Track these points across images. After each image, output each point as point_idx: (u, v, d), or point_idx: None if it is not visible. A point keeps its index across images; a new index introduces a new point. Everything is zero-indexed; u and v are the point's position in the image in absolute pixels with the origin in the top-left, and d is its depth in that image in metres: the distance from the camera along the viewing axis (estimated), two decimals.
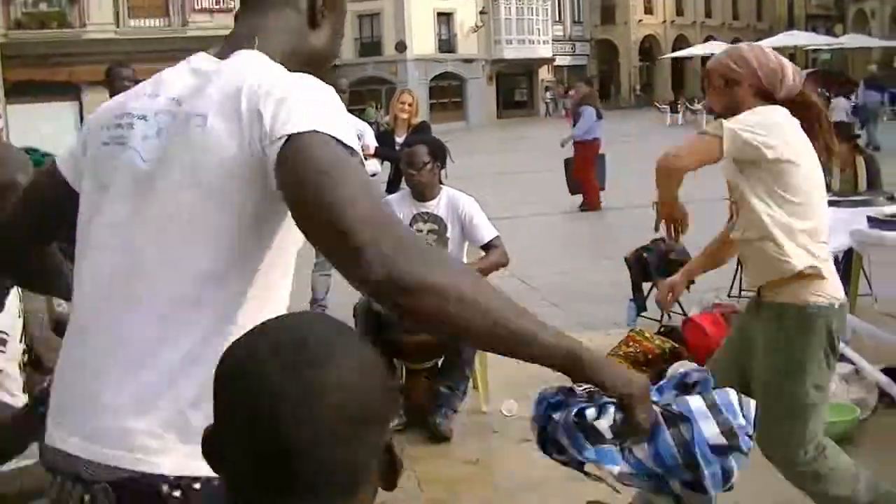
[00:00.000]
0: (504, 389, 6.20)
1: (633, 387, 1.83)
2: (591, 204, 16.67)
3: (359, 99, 43.37)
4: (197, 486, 1.72)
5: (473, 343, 2.00)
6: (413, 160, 6.24)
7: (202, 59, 1.96)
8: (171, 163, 1.82)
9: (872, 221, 6.54)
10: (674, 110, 44.07)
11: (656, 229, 4.05)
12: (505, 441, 5.86)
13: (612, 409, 1.89)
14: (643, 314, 8.22)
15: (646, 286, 8.33)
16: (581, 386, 1.93)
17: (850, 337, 6.73)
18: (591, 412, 1.90)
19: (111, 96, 7.78)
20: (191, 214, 1.78)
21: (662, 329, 7.21)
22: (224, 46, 1.98)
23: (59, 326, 4.27)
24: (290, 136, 1.69)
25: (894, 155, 17.20)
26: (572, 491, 3.20)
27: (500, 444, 5.88)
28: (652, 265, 8.07)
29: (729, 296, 8.43)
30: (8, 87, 31.48)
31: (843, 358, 6.25)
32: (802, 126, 3.81)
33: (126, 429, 1.75)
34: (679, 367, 6.37)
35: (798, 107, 3.87)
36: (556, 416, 1.94)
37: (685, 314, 7.58)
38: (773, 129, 3.71)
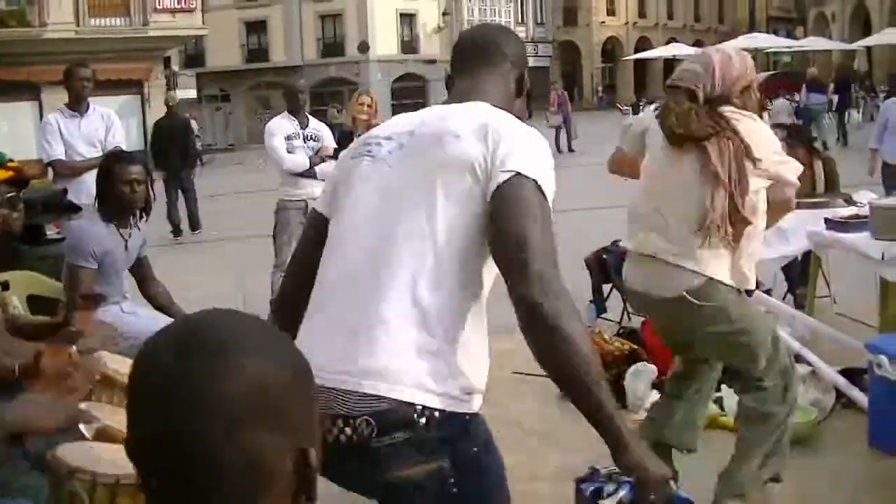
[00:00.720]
0: None
1: (649, 473, 2.27)
2: None
3: (321, 100, 43.33)
4: (437, 415, 2.28)
5: (560, 384, 2.35)
6: None
7: (437, 106, 2.70)
8: (412, 167, 2.46)
9: (829, 223, 6.58)
10: (636, 111, 44.21)
11: None
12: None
13: (626, 489, 2.23)
14: (603, 315, 8.23)
15: (606, 288, 8.35)
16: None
17: (808, 339, 6.78)
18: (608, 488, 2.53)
19: (69, 96, 7.86)
20: (428, 205, 2.37)
21: (621, 331, 7.21)
22: (452, 97, 2.70)
23: (12, 328, 4.23)
24: (517, 173, 2.32)
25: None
26: None
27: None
28: (612, 266, 8.07)
29: None
30: None
31: (800, 359, 6.30)
32: None
33: (392, 369, 2.27)
34: (639, 368, 6.40)
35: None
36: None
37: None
38: None
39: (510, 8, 58.21)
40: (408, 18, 53.12)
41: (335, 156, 8.80)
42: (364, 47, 50.78)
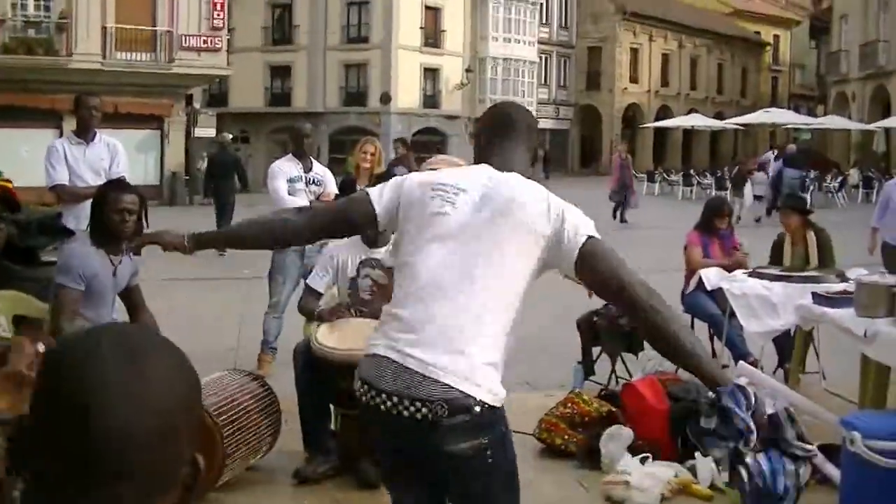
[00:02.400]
0: None
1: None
2: None
3: (340, 148, 43.51)
4: (486, 406, 3.08)
5: (668, 345, 3.18)
6: None
7: (491, 169, 3.40)
8: (488, 223, 3.22)
9: (817, 298, 6.60)
10: (651, 180, 44.27)
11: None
12: None
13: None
14: (591, 378, 8.21)
15: (595, 350, 8.35)
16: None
17: None
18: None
19: (77, 123, 7.96)
20: (501, 253, 3.20)
21: (603, 393, 7.21)
22: (493, 163, 3.43)
23: None
24: (590, 237, 3.21)
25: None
26: None
27: None
28: (602, 329, 8.08)
29: (678, 368, 8.44)
30: None
31: None
32: None
33: (467, 371, 3.07)
34: (614, 431, 6.41)
35: None
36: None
37: (628, 379, 7.60)
38: None
39: (534, 69, 58.52)
40: (431, 73, 53.42)
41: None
42: (386, 98, 51.06)
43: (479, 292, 3.16)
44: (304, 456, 6.07)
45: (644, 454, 5.92)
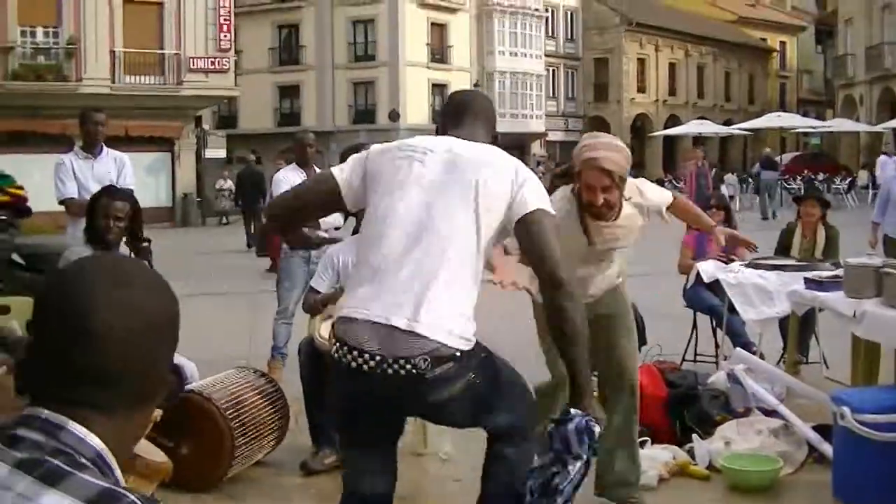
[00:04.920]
0: (443, 433, 6.32)
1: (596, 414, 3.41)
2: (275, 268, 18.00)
3: None
4: (465, 351, 3.29)
5: (561, 336, 3.36)
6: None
7: (453, 139, 3.56)
8: (454, 183, 3.38)
9: (809, 283, 6.73)
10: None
11: None
12: (437, 482, 6.02)
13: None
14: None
15: None
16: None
17: (784, 395, 6.92)
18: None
19: (84, 138, 8.13)
20: (469, 210, 3.36)
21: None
22: (459, 137, 3.57)
23: None
24: (539, 209, 3.39)
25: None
26: None
27: (432, 484, 6.05)
28: None
29: (683, 360, 8.57)
30: (1, 136, 31.75)
31: (775, 414, 6.43)
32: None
33: (446, 324, 3.27)
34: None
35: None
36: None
37: None
38: None
39: (541, 82, 58.62)
40: (439, 89, 53.55)
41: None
42: (395, 116, 51.25)
43: (446, 248, 3.33)
44: (311, 450, 6.22)
45: (643, 438, 6.06)
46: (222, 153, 42.45)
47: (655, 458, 5.89)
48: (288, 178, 9.00)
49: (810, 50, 78.40)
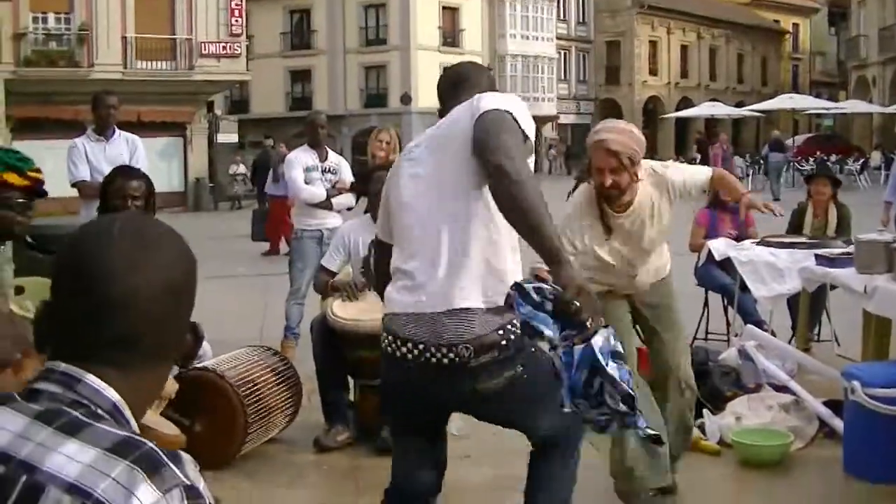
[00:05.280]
0: None
1: (573, 283, 2.93)
2: (273, 250, 18.10)
3: (363, 150, 43.60)
4: (512, 338, 3.18)
5: (517, 220, 3.06)
6: (375, 187, 6.42)
7: (440, 122, 3.52)
8: (443, 155, 3.32)
9: (820, 259, 6.74)
10: None
11: None
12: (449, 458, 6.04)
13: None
14: None
15: None
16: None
17: (795, 371, 6.93)
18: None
19: (96, 121, 8.17)
20: (464, 183, 3.24)
21: None
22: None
23: None
24: (490, 109, 3.19)
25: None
26: (504, 499, 3.54)
27: None
28: None
29: (695, 338, 8.59)
30: (15, 123, 31.81)
31: (785, 389, 6.45)
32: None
33: (479, 301, 3.21)
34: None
35: None
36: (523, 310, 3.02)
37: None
38: None
39: (553, 65, 58.52)
40: None
41: (351, 189, 9.00)
42: (406, 99, 51.21)
43: (467, 228, 3.23)
44: (324, 427, 6.26)
45: None
46: (234, 138, 42.51)
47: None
48: (300, 158, 9.04)
49: (823, 31, 78.14)
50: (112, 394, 1.50)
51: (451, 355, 3.17)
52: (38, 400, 1.47)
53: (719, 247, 8.26)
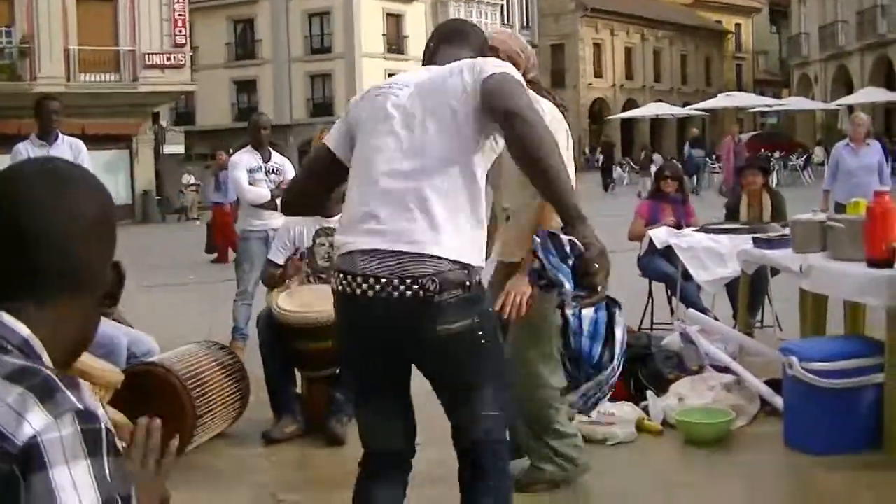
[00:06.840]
0: None
1: (595, 243, 2.95)
2: (221, 258, 17.97)
3: None
4: (476, 279, 3.16)
5: (529, 166, 3.05)
6: None
7: (430, 67, 3.45)
8: (432, 106, 3.20)
9: (757, 241, 6.87)
10: (621, 169, 44.61)
11: None
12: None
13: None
14: None
15: None
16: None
17: (737, 354, 7.05)
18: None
19: (39, 126, 8.15)
20: (447, 129, 3.17)
21: None
22: (441, 61, 3.44)
23: None
24: (493, 74, 3.16)
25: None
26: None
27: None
28: None
29: (640, 328, 8.66)
30: None
31: (727, 371, 6.56)
32: None
33: (451, 243, 3.09)
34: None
35: None
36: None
37: None
38: None
39: None
40: None
41: None
42: None
43: (441, 170, 3.14)
44: (272, 420, 6.30)
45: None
46: (181, 149, 42.35)
47: (625, 416, 5.98)
48: (244, 159, 9.06)
49: (765, 31, 79.10)
50: (22, 329, 1.56)
51: (416, 287, 3.04)
52: None
53: (660, 235, 8.37)
